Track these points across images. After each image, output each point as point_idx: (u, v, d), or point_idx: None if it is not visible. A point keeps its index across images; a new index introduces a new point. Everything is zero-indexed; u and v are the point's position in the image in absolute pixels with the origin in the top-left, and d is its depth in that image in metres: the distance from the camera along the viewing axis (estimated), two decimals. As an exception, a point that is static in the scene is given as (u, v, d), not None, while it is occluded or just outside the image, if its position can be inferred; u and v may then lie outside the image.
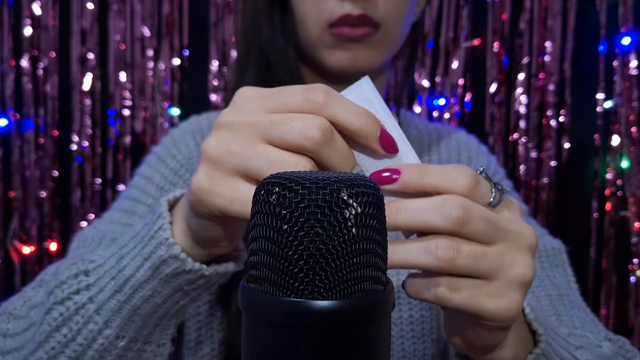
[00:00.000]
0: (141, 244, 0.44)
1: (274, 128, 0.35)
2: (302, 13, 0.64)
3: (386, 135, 0.37)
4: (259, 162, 0.35)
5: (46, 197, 1.50)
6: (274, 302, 0.27)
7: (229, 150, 0.36)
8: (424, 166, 0.37)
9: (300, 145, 0.35)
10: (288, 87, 0.38)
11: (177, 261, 0.42)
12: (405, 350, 0.69)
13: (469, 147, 0.79)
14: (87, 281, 0.46)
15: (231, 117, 0.37)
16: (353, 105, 0.37)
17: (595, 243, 1.43)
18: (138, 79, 1.49)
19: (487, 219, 0.36)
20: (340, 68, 0.64)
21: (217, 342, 0.68)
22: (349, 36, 0.62)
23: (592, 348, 0.51)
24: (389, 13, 0.62)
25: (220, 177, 0.36)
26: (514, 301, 0.37)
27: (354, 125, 0.36)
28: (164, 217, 0.43)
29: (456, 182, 0.36)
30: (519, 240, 0.37)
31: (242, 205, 0.36)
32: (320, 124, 0.35)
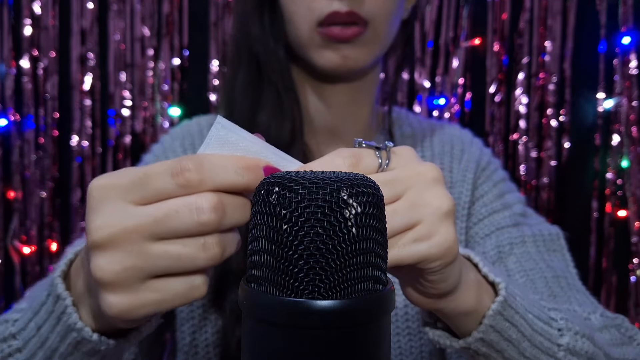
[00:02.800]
0: (52, 320, 0.42)
1: (160, 225, 0.33)
2: (292, 12, 0.64)
3: (270, 171, 0.35)
4: (164, 262, 0.33)
5: (46, 197, 1.50)
6: (275, 302, 0.27)
7: (126, 267, 0.33)
8: (307, 166, 0.37)
9: (198, 232, 0.33)
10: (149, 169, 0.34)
11: (91, 342, 0.40)
12: (402, 347, 0.69)
13: (462, 140, 0.79)
14: (17, 345, 0.45)
15: (105, 230, 0.33)
16: (228, 163, 0.34)
17: (595, 243, 1.43)
18: (138, 79, 1.49)
19: (382, 182, 0.36)
20: (331, 68, 0.64)
21: (211, 345, 0.68)
22: (339, 37, 0.62)
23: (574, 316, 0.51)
24: (378, 10, 0.62)
25: (133, 293, 0.33)
26: (443, 234, 0.37)
27: (241, 185, 0.34)
28: (64, 299, 0.40)
29: (339, 167, 0.37)
30: (421, 180, 0.38)
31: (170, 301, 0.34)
32: (208, 204, 0.33)
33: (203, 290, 0.35)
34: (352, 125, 0.72)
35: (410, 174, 0.38)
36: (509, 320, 0.44)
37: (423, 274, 0.39)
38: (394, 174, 0.38)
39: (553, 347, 0.47)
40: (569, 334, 0.47)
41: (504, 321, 0.44)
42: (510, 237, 0.69)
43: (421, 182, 0.38)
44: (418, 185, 0.38)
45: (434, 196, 0.38)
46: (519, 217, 0.72)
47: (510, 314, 0.44)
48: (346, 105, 0.71)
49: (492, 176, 0.76)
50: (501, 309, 0.44)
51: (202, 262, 0.34)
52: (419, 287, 0.41)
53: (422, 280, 0.40)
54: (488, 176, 0.76)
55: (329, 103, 0.70)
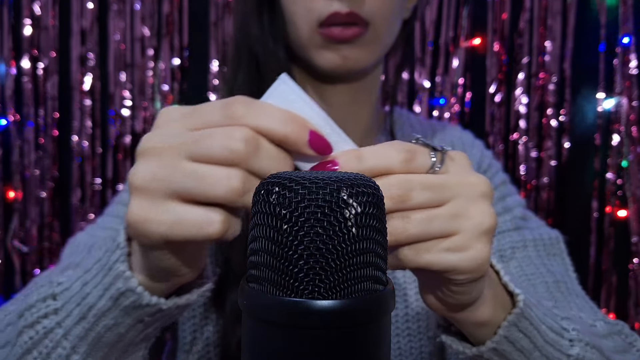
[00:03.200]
0: (102, 273, 0.43)
1: (196, 145, 0.35)
2: (292, 13, 0.64)
3: (317, 137, 0.36)
4: (188, 181, 0.34)
5: (46, 197, 1.50)
6: (275, 302, 0.27)
7: (155, 176, 0.35)
8: (358, 152, 0.37)
9: (226, 158, 0.34)
10: (208, 103, 0.37)
11: (134, 295, 0.41)
12: (401, 348, 0.69)
13: (463, 142, 0.79)
14: (55, 305, 0.46)
15: (152, 141, 0.36)
16: (276, 112, 0.36)
17: (595, 243, 1.43)
18: (138, 79, 1.49)
19: (430, 185, 0.36)
20: (331, 68, 0.64)
21: (212, 344, 0.68)
22: (339, 37, 0.62)
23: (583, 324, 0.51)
24: (378, 10, 0.62)
25: (153, 205, 0.35)
26: (477, 250, 0.37)
27: (280, 133, 0.35)
28: (121, 248, 0.42)
29: (391, 159, 0.36)
30: (470, 191, 0.37)
31: (182, 227, 0.35)
32: (242, 134, 0.34)
33: (218, 228, 0.35)
34: (352, 125, 0.72)
35: (459, 183, 0.37)
36: (523, 331, 0.44)
37: (447, 283, 0.39)
38: (443, 179, 0.37)
39: (562, 357, 0.47)
40: (580, 345, 0.48)
41: (518, 332, 0.44)
42: (512, 241, 0.69)
43: (469, 193, 0.37)
44: (465, 196, 0.37)
45: (478, 210, 0.37)
46: (520, 221, 0.72)
47: (525, 325, 0.44)
48: (347, 106, 0.71)
49: (493, 179, 0.76)
50: (517, 320, 0.44)
51: (222, 191, 0.34)
52: (439, 294, 0.41)
53: (444, 289, 0.40)
54: (489, 179, 0.76)
55: (329, 103, 0.70)
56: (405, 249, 0.37)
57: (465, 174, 0.38)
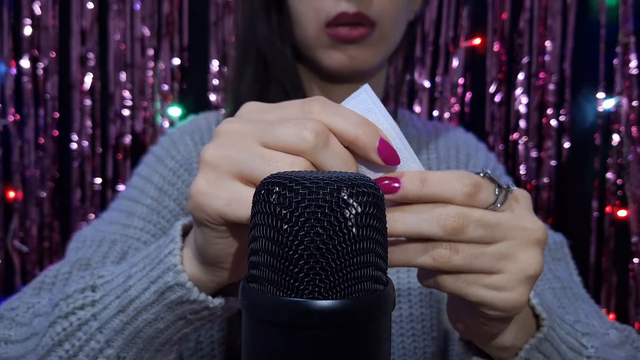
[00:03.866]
0: (150, 266, 0.43)
1: (268, 130, 0.36)
2: (299, 13, 0.64)
3: (386, 146, 0.36)
4: (254, 162, 0.35)
5: (46, 197, 1.50)
6: (275, 302, 0.27)
7: (225, 154, 0.36)
8: (424, 175, 0.37)
9: (294, 145, 0.35)
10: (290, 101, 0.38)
11: (182, 289, 0.41)
12: (406, 348, 0.69)
13: (467, 144, 0.79)
14: (93, 297, 0.46)
15: (230, 124, 0.38)
16: (351, 114, 0.36)
17: (595, 243, 1.43)
18: (138, 79, 1.49)
19: (486, 223, 0.36)
20: (337, 68, 0.65)
21: (216, 342, 0.68)
22: (346, 38, 0.62)
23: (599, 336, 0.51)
24: (385, 11, 0.62)
25: (218, 180, 0.36)
26: (517, 293, 0.37)
27: (351, 134, 0.36)
28: (175, 242, 0.43)
29: (454, 190, 0.36)
30: (524, 236, 0.37)
31: (239, 206, 0.35)
32: (314, 126, 0.35)
33: None
34: None
35: (515, 226, 0.37)
36: (543, 352, 0.44)
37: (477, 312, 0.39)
38: (500, 219, 0.37)
39: None
40: None
41: (539, 354, 0.44)
42: None
43: (522, 237, 0.37)
44: (517, 240, 0.37)
45: (526, 256, 0.37)
46: None
47: (546, 347, 0.44)
48: None
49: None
50: (539, 344, 0.44)
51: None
52: (466, 321, 0.41)
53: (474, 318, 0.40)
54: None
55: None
56: (445, 275, 0.37)
57: (523, 218, 0.38)
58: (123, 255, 0.63)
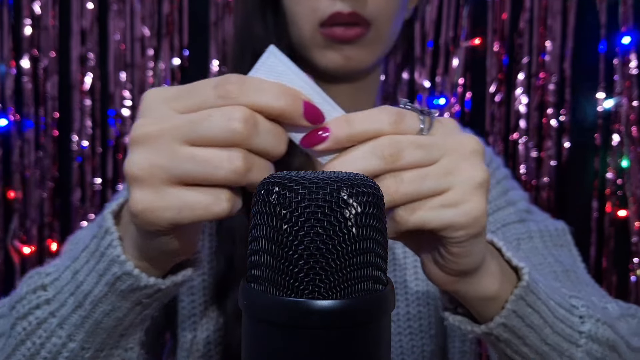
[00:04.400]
0: (94, 260, 0.43)
1: (193, 128, 0.34)
2: (294, 13, 0.64)
3: (310, 107, 0.37)
4: (189, 166, 0.34)
5: (46, 197, 1.50)
6: (275, 302, 0.27)
7: (153, 164, 0.34)
8: (348, 116, 0.37)
9: (225, 140, 0.34)
10: (198, 83, 0.37)
11: (131, 277, 0.41)
12: (403, 347, 0.69)
13: None
14: (46, 295, 0.46)
15: (145, 128, 0.35)
16: (269, 86, 0.36)
17: (595, 243, 1.43)
18: (138, 79, 1.49)
19: (420, 145, 0.37)
20: (333, 68, 0.65)
21: (212, 342, 0.68)
22: (342, 37, 0.62)
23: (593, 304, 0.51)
24: (380, 10, 0.62)
25: (157, 193, 0.35)
26: (473, 203, 0.37)
27: (275, 108, 0.35)
28: (111, 233, 0.42)
29: (381, 122, 0.37)
30: (460, 149, 0.38)
31: (190, 211, 0.35)
32: (240, 114, 0.34)
33: (225, 207, 0.36)
34: None
35: (449, 142, 0.38)
36: (531, 305, 0.44)
37: (446, 244, 0.38)
38: (433, 139, 0.38)
39: (575, 334, 0.46)
40: (591, 321, 0.47)
41: (526, 307, 0.44)
42: (517, 233, 0.69)
43: (460, 151, 0.38)
44: (455, 154, 0.38)
45: (469, 166, 0.37)
46: (524, 214, 0.72)
47: (533, 299, 0.44)
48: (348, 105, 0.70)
49: (495, 174, 0.76)
50: (524, 294, 0.43)
51: (225, 172, 0.34)
52: (440, 262, 0.41)
53: (445, 253, 0.39)
54: (491, 174, 0.76)
55: None
56: (399, 209, 0.37)
57: (454, 134, 0.39)
58: None
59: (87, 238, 0.46)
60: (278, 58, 0.38)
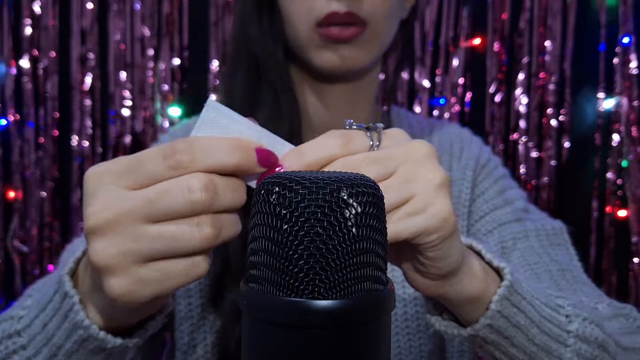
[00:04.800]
0: (59, 318, 0.42)
1: (153, 207, 0.33)
2: (290, 13, 0.64)
3: (263, 153, 0.36)
4: (158, 244, 0.33)
5: (46, 197, 1.50)
6: (275, 302, 0.27)
7: (119, 251, 0.33)
8: (297, 149, 0.37)
9: (189, 211, 0.33)
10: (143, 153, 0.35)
11: (97, 340, 0.40)
12: (401, 347, 0.69)
13: (461, 138, 0.79)
14: (21, 342, 0.45)
15: (100, 215, 0.34)
16: (219, 144, 0.35)
17: (595, 243, 1.43)
18: (138, 79, 1.49)
19: (374, 160, 0.37)
20: (330, 68, 0.65)
21: (210, 344, 0.68)
22: (338, 37, 0.62)
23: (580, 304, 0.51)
24: (376, 10, 0.62)
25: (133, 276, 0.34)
26: (438, 205, 0.37)
27: (231, 165, 0.35)
28: (71, 297, 0.40)
29: (331, 147, 0.37)
30: (413, 156, 0.38)
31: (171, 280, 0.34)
32: (198, 183, 0.33)
33: (204, 268, 0.35)
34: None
35: (401, 151, 0.38)
36: (516, 305, 0.44)
37: (422, 250, 0.39)
38: (385, 152, 0.38)
39: (563, 333, 0.46)
40: (578, 320, 0.47)
41: (511, 307, 0.44)
42: (513, 232, 0.69)
43: (413, 158, 0.38)
44: (410, 162, 0.38)
45: (426, 170, 0.38)
46: (521, 213, 0.72)
47: (517, 299, 0.44)
48: (345, 105, 0.71)
49: (492, 173, 0.76)
50: (508, 293, 0.43)
51: (196, 242, 0.34)
52: (421, 269, 0.41)
53: (423, 259, 0.39)
54: (488, 173, 0.76)
55: (327, 103, 0.70)
56: None
57: (404, 144, 0.39)
58: None
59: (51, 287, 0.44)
60: (218, 110, 0.37)
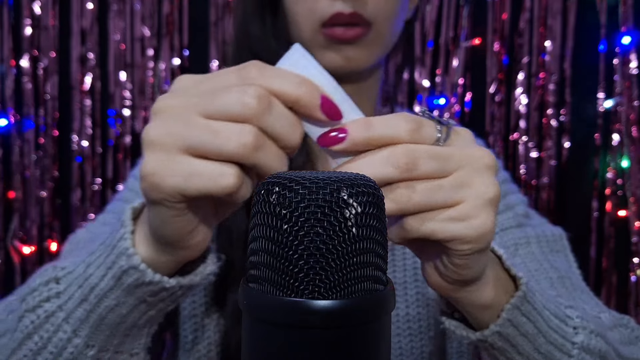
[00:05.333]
0: (105, 253, 0.44)
1: (210, 101, 0.36)
2: (295, 13, 0.64)
3: (328, 102, 0.37)
4: (202, 135, 0.35)
5: (46, 197, 1.50)
6: (275, 302, 0.27)
7: (169, 131, 0.36)
8: (367, 120, 0.37)
9: (238, 113, 0.35)
10: (223, 69, 0.38)
11: (137, 272, 0.41)
12: (402, 348, 0.69)
13: None
14: (57, 289, 0.46)
15: (167, 100, 0.37)
16: (290, 75, 0.37)
17: (595, 243, 1.43)
18: (138, 79, 1.49)
19: (436, 155, 0.37)
20: (333, 69, 0.64)
21: (213, 343, 0.68)
22: (342, 38, 0.62)
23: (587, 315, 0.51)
24: (381, 11, 0.62)
25: (169, 158, 0.36)
26: (481, 219, 0.37)
27: (292, 94, 0.36)
28: (126, 226, 0.43)
29: (398, 128, 0.37)
30: (474, 163, 0.38)
31: (197, 179, 0.35)
32: (255, 91, 0.35)
33: (232, 182, 0.36)
34: None
35: (464, 155, 0.38)
36: (526, 315, 0.44)
37: (450, 255, 0.38)
38: (448, 151, 0.37)
39: (567, 344, 0.47)
40: (584, 332, 0.48)
41: (522, 316, 0.44)
42: (514, 238, 0.69)
43: (474, 165, 0.38)
44: (469, 168, 0.38)
45: (482, 181, 0.38)
46: (522, 218, 0.72)
47: (528, 309, 0.44)
48: None
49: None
50: (519, 303, 0.44)
51: (233, 146, 0.35)
52: (441, 270, 0.41)
53: (447, 263, 0.39)
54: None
55: None
56: (409, 218, 0.37)
57: (469, 147, 0.39)
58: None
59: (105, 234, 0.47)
60: (302, 54, 0.39)
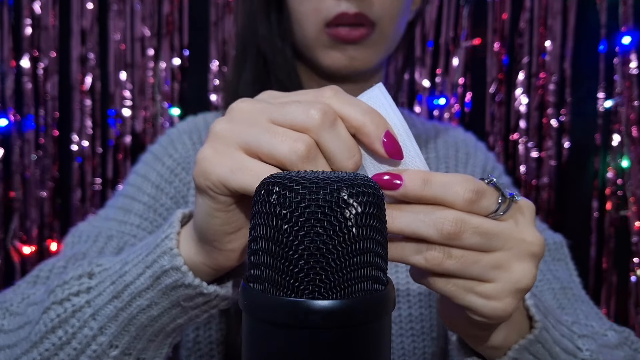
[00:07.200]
0: (146, 251, 0.43)
1: (279, 109, 0.36)
2: (299, 13, 0.64)
3: (391, 138, 0.36)
4: (260, 134, 0.36)
5: (46, 197, 1.50)
6: (275, 302, 0.27)
7: (234, 127, 0.37)
8: (427, 176, 0.36)
9: (301, 122, 0.35)
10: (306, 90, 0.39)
11: (177, 273, 0.41)
12: (405, 348, 0.69)
13: (466, 144, 0.79)
14: (89, 284, 0.45)
15: (243, 103, 0.38)
16: (361, 104, 0.37)
17: (596, 243, 1.43)
18: (138, 79, 1.49)
19: (484, 231, 0.36)
20: (337, 68, 0.65)
21: (215, 342, 0.68)
22: (346, 38, 0.62)
23: (597, 337, 0.51)
24: (385, 12, 0.63)
25: (224, 149, 0.37)
26: (504, 304, 0.37)
27: (358, 120, 0.36)
28: (173, 227, 0.43)
29: (457, 196, 0.35)
30: (521, 248, 0.37)
31: (242, 174, 0.36)
32: (322, 106, 0.35)
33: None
34: None
35: (514, 237, 0.37)
36: (534, 354, 0.44)
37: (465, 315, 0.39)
38: (498, 228, 0.36)
39: None
40: None
41: (529, 355, 0.44)
42: None
43: (519, 250, 0.37)
44: (513, 251, 0.37)
45: (521, 269, 0.37)
46: None
47: (537, 348, 0.44)
48: None
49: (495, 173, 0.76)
50: (529, 345, 0.44)
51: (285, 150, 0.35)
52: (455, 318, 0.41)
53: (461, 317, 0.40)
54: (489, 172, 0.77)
55: None
56: (437, 277, 0.37)
57: (524, 229, 0.38)
58: (119, 251, 0.63)
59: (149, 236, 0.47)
60: (382, 93, 0.39)
